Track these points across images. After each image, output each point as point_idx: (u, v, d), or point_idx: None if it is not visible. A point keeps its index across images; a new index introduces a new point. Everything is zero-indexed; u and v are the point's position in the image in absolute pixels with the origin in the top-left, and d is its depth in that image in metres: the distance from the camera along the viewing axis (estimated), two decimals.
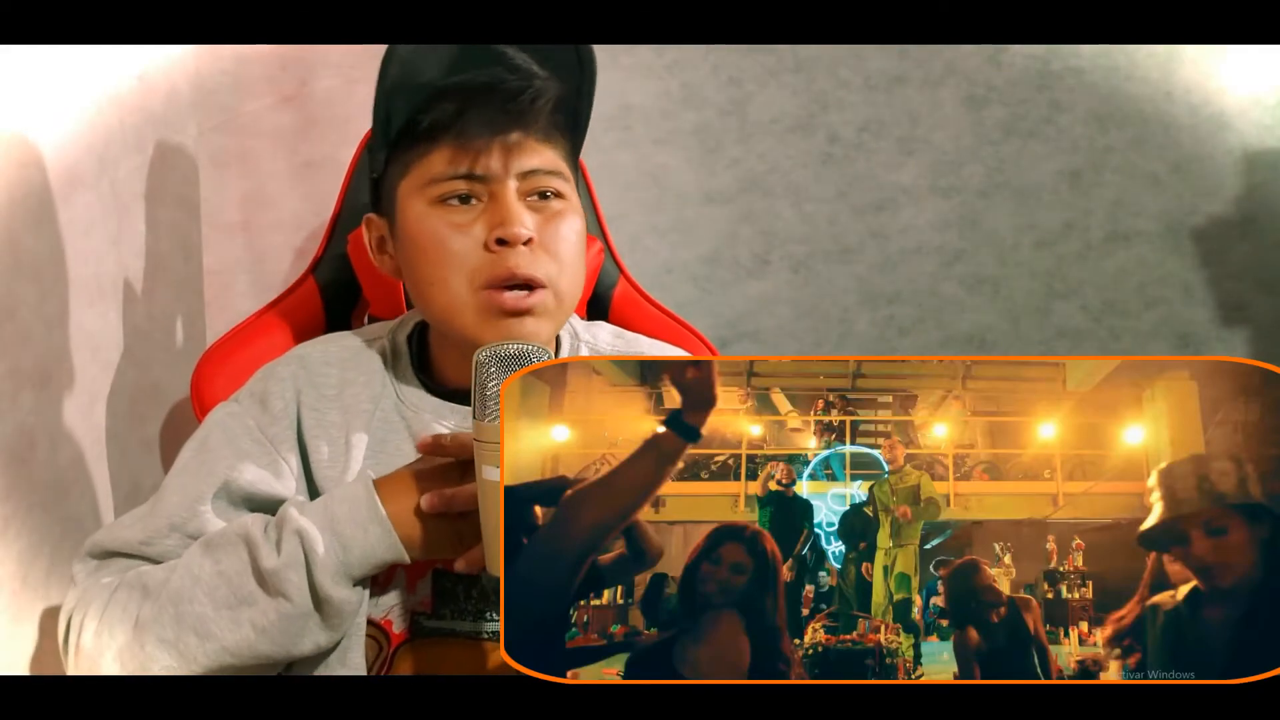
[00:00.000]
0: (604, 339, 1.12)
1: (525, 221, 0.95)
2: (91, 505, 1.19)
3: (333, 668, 0.94)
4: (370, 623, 0.96)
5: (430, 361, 1.05)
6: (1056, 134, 1.85)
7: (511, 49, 0.98)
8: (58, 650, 0.93)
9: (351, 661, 0.94)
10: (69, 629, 0.91)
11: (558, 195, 0.99)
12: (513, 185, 0.96)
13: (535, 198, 0.98)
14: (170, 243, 1.44)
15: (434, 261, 0.96)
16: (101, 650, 0.88)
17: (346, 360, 1.03)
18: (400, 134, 0.99)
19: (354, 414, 1.00)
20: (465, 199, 0.97)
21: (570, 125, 1.03)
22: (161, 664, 0.87)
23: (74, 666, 0.90)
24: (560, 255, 0.97)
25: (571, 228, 0.99)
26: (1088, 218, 1.89)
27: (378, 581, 0.96)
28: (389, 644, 0.97)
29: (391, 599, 0.96)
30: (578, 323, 1.13)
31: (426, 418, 1.00)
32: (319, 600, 0.88)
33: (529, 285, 0.96)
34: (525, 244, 0.95)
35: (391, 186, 1.00)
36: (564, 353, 1.08)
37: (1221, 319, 1.91)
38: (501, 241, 0.95)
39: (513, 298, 0.95)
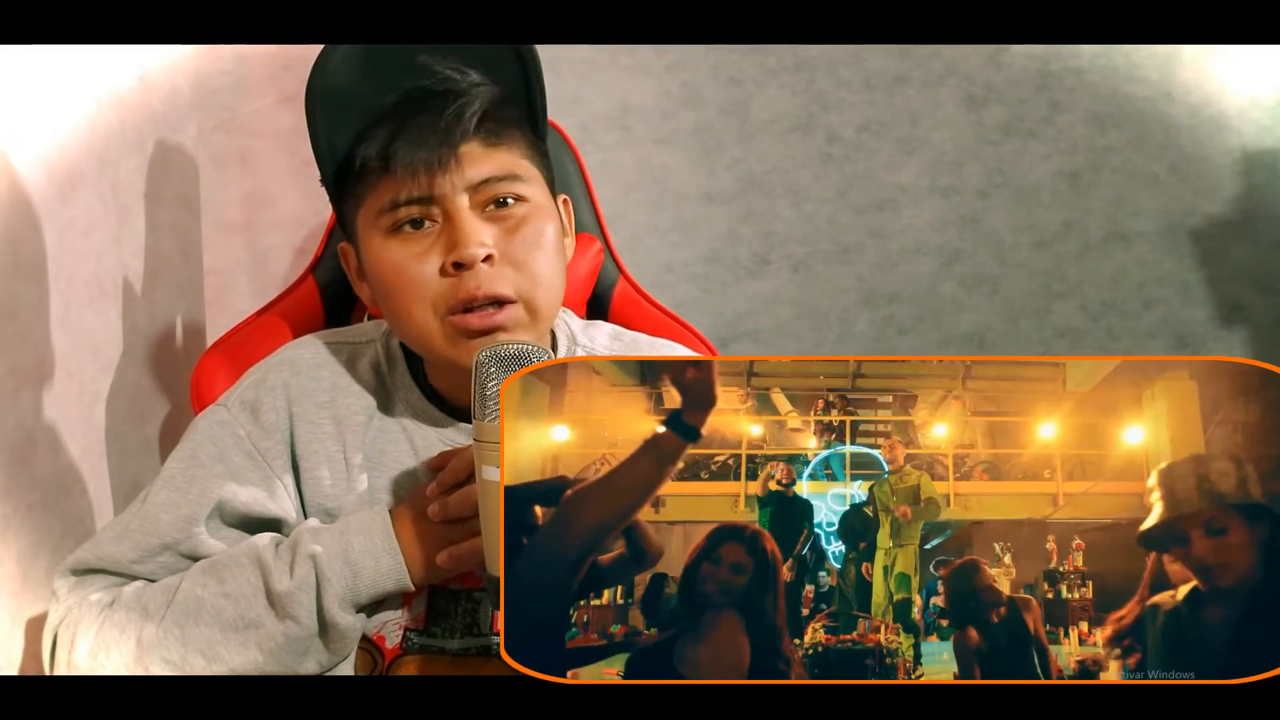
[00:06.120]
0: (602, 341, 1.10)
1: (481, 239, 0.91)
2: (91, 505, 1.19)
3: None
4: (364, 636, 0.96)
5: (424, 372, 1.02)
6: (1056, 134, 1.85)
7: (439, 59, 0.94)
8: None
9: (341, 671, 0.94)
10: (56, 645, 0.91)
11: (519, 199, 0.94)
12: (464, 200, 0.92)
13: (493, 207, 0.93)
14: (170, 243, 1.44)
15: (396, 294, 0.93)
16: (96, 670, 0.88)
17: (339, 366, 1.01)
18: (343, 167, 0.95)
19: (348, 427, 0.98)
20: (419, 223, 0.92)
21: (524, 115, 0.98)
22: (160, 673, 0.88)
23: None
24: (527, 265, 0.93)
25: (537, 232, 0.94)
26: (1087, 218, 1.89)
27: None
28: (383, 659, 0.97)
29: (385, 615, 0.96)
30: (575, 324, 1.11)
31: (430, 434, 0.99)
32: (324, 625, 0.89)
33: (496, 302, 0.92)
34: (485, 261, 0.91)
35: (350, 218, 0.97)
36: (561, 354, 1.06)
37: (1220, 319, 1.92)
38: (458, 265, 0.91)
39: (478, 318, 0.91)
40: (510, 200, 0.94)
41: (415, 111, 0.92)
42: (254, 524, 0.95)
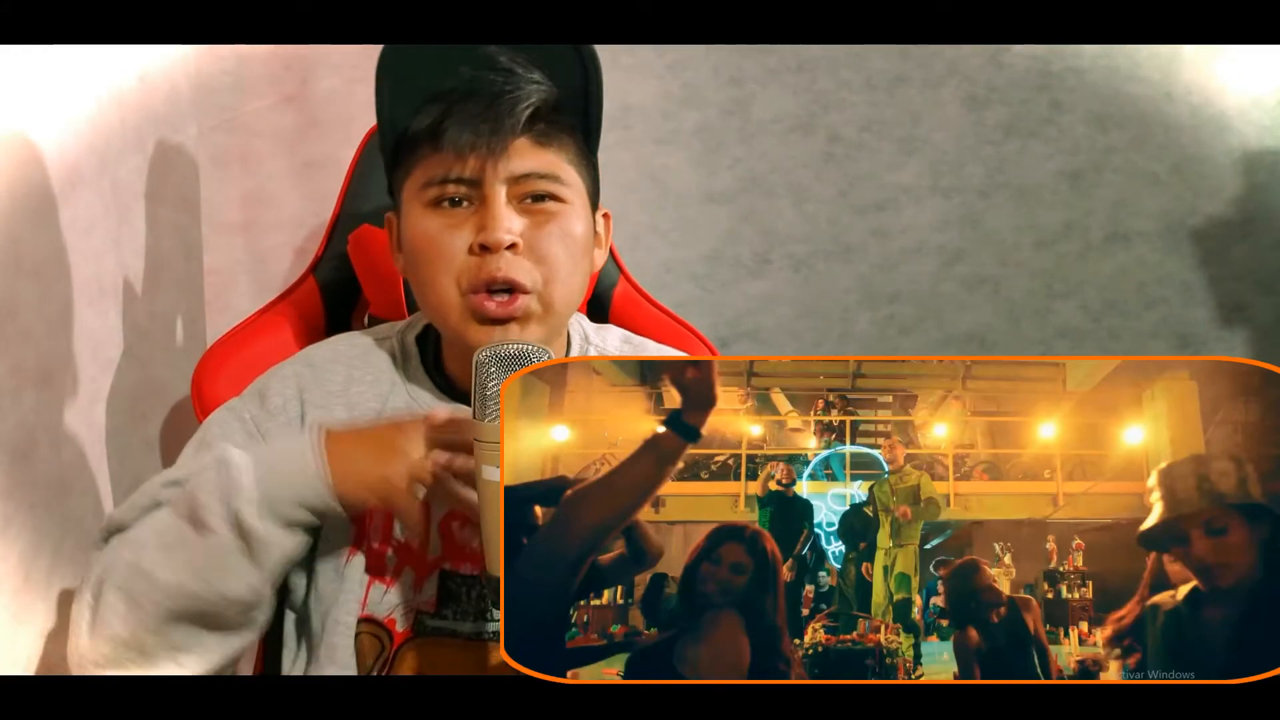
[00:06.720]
0: (613, 344, 1.12)
1: (509, 226, 0.95)
2: (93, 504, 1.19)
3: (322, 664, 0.95)
4: (374, 621, 0.96)
5: (443, 362, 1.05)
6: (1057, 134, 1.85)
7: (504, 52, 0.99)
8: (60, 649, 0.93)
9: (340, 659, 0.95)
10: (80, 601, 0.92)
11: (554, 198, 0.98)
12: (503, 189, 0.96)
13: (529, 201, 0.97)
14: (171, 242, 1.44)
15: (424, 262, 0.97)
16: (109, 623, 0.89)
17: (354, 359, 1.04)
18: (399, 138, 1.01)
19: (360, 412, 1.00)
20: (457, 202, 0.97)
21: (579, 125, 1.03)
22: (117, 612, 0.87)
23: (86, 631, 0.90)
24: (548, 259, 0.96)
25: (564, 230, 0.97)
26: (1088, 218, 1.89)
27: (383, 579, 0.97)
28: (391, 643, 0.97)
29: (396, 598, 0.97)
30: (588, 325, 1.13)
31: None
32: (243, 532, 0.87)
33: (511, 289, 0.95)
34: (510, 249, 0.95)
35: (398, 187, 1.02)
36: (574, 353, 1.08)
37: (1221, 319, 1.92)
38: (484, 247, 0.95)
39: (495, 304, 0.95)
40: (547, 198, 0.98)
41: (470, 95, 0.96)
42: None
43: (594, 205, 1.04)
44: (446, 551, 0.97)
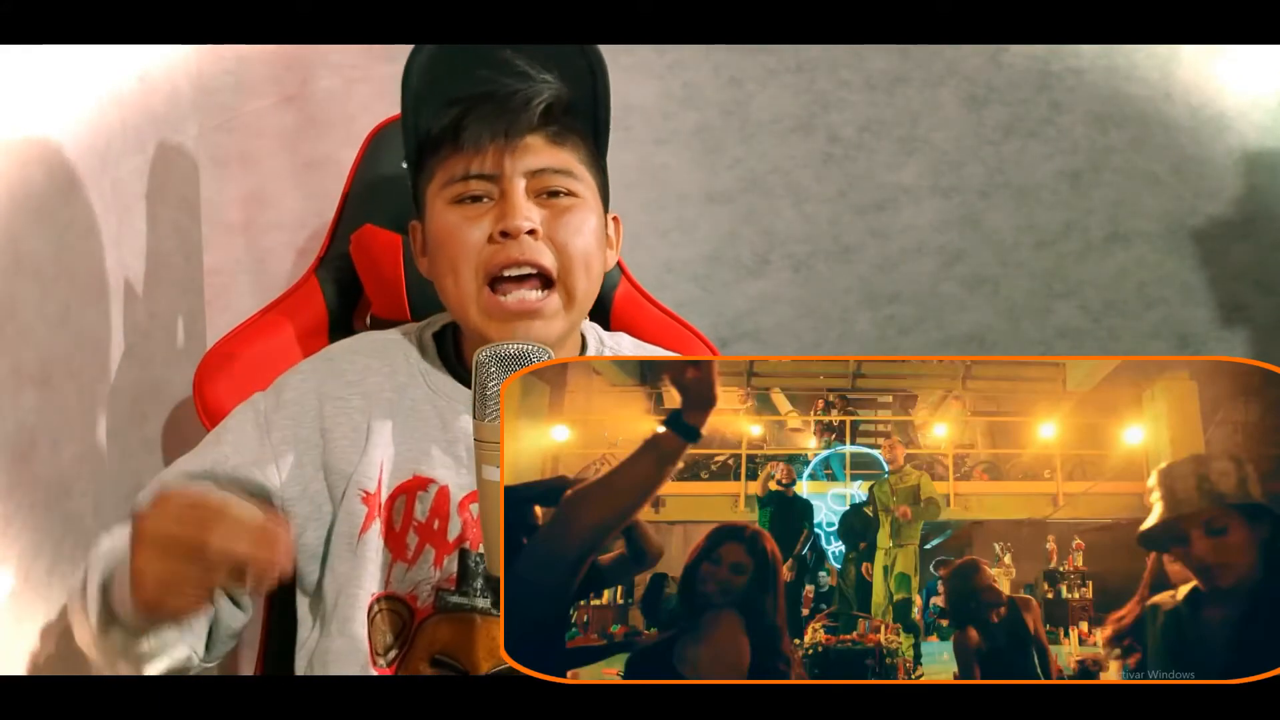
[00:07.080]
0: (627, 346, 1.16)
1: (527, 214, 1.00)
2: (93, 504, 1.19)
3: (333, 637, 0.98)
4: (396, 598, 0.99)
5: (464, 354, 1.08)
6: (1056, 134, 1.85)
7: (519, 55, 1.04)
8: (60, 649, 0.94)
9: (350, 630, 0.97)
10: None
11: (569, 194, 1.03)
12: (520, 183, 1.01)
13: (545, 196, 1.02)
14: (171, 242, 1.44)
15: (447, 254, 1.02)
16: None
17: (373, 351, 1.08)
18: (422, 142, 1.06)
19: (375, 400, 1.04)
20: (478, 198, 1.02)
21: (589, 127, 1.09)
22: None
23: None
24: (566, 248, 1.01)
25: (581, 220, 1.02)
26: (1088, 218, 1.88)
27: (404, 558, 0.99)
28: (412, 618, 0.99)
29: (418, 574, 0.99)
30: (602, 331, 1.16)
31: (459, 407, 1.03)
32: (94, 638, 0.89)
33: (534, 274, 1.00)
34: (529, 234, 1.00)
35: (422, 191, 1.06)
36: (590, 354, 1.10)
37: (1221, 319, 1.91)
38: (504, 234, 0.99)
39: (516, 302, 0.99)
40: (562, 193, 1.03)
41: (487, 95, 1.02)
42: (248, 486, 0.97)
43: (605, 207, 1.08)
44: (466, 531, 1.00)
